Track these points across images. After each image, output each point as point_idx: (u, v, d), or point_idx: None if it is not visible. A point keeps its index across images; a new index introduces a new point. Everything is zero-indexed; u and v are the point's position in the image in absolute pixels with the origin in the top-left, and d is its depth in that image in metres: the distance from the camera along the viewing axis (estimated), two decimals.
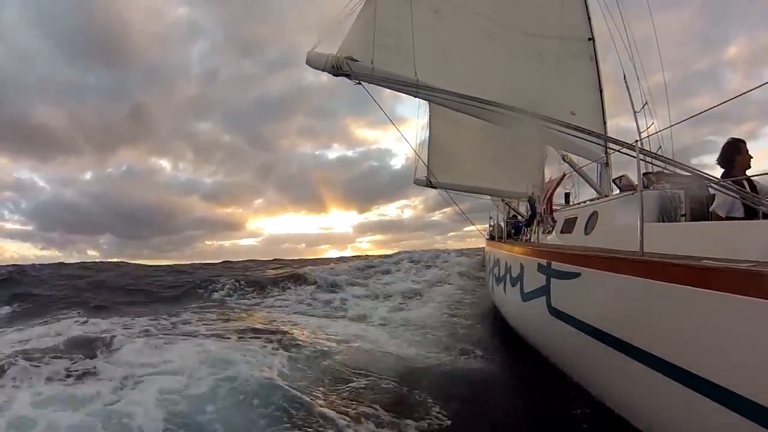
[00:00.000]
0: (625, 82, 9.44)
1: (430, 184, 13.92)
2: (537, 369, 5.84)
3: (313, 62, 6.38)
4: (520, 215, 14.74)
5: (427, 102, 10.87)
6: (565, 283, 4.75)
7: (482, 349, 7.46)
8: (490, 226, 16.26)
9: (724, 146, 4.35)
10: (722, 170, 4.36)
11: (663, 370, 3.03)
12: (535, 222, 9.29)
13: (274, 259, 47.57)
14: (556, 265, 5.05)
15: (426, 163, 14.31)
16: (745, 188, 3.89)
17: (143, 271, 30.45)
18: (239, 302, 16.02)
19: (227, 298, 16.85)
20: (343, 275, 21.71)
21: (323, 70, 6.35)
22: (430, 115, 15.97)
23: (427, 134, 16.30)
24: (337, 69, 6.26)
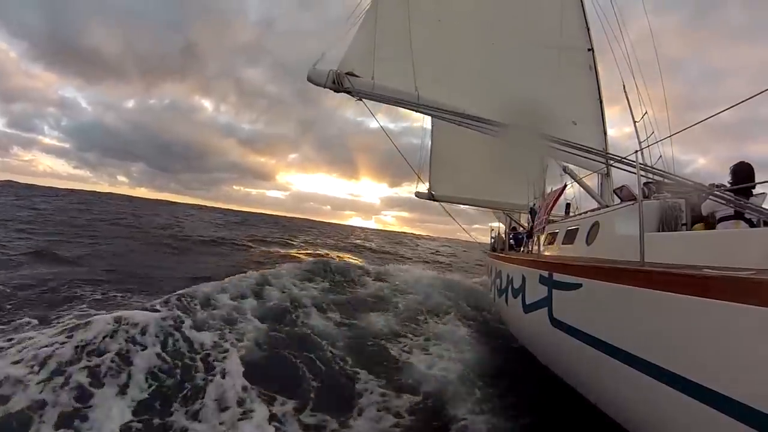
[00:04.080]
0: (625, 92, 9.48)
1: (431, 197, 13.97)
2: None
3: (314, 79, 6.45)
4: (522, 227, 14.75)
5: None
6: (567, 294, 4.74)
7: None
8: (492, 238, 16.25)
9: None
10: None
11: (666, 379, 3.02)
12: (535, 233, 9.28)
13: None
14: (557, 276, 5.04)
15: (428, 178, 14.39)
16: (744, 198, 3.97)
17: None
18: None
19: None
20: None
21: (324, 87, 6.41)
22: (432, 126, 16.13)
23: (429, 145, 16.47)
24: (338, 85, 6.32)
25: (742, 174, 4.32)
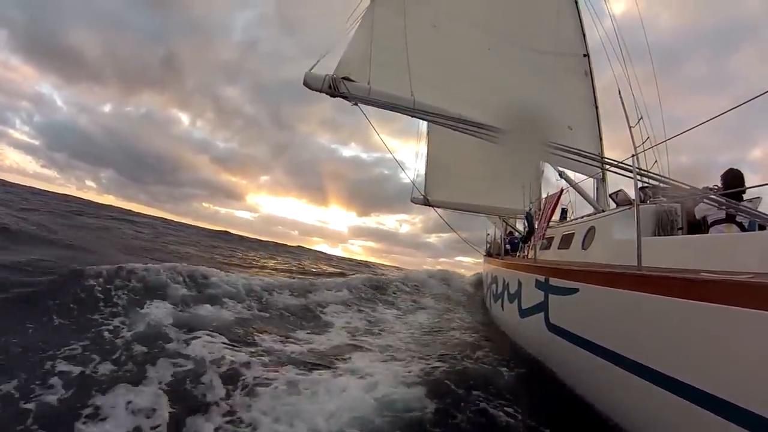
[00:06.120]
0: (620, 97, 9.52)
1: (427, 202, 13.95)
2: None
3: (310, 83, 6.42)
4: (517, 231, 14.74)
5: None
6: (564, 299, 4.72)
7: None
8: (488, 242, 16.23)
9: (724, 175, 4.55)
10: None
11: (664, 384, 3.00)
12: (531, 238, 9.28)
13: None
14: (553, 281, 5.02)
15: (423, 184, 14.41)
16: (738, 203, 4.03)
17: None
18: None
19: None
20: None
21: (320, 91, 6.39)
22: (428, 130, 16.18)
23: (425, 150, 16.52)
24: (334, 90, 6.30)
25: (734, 180, 4.38)
